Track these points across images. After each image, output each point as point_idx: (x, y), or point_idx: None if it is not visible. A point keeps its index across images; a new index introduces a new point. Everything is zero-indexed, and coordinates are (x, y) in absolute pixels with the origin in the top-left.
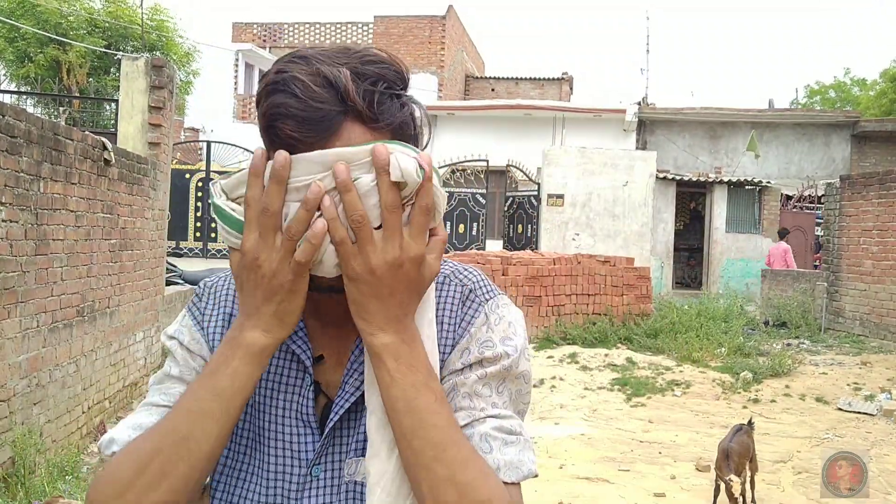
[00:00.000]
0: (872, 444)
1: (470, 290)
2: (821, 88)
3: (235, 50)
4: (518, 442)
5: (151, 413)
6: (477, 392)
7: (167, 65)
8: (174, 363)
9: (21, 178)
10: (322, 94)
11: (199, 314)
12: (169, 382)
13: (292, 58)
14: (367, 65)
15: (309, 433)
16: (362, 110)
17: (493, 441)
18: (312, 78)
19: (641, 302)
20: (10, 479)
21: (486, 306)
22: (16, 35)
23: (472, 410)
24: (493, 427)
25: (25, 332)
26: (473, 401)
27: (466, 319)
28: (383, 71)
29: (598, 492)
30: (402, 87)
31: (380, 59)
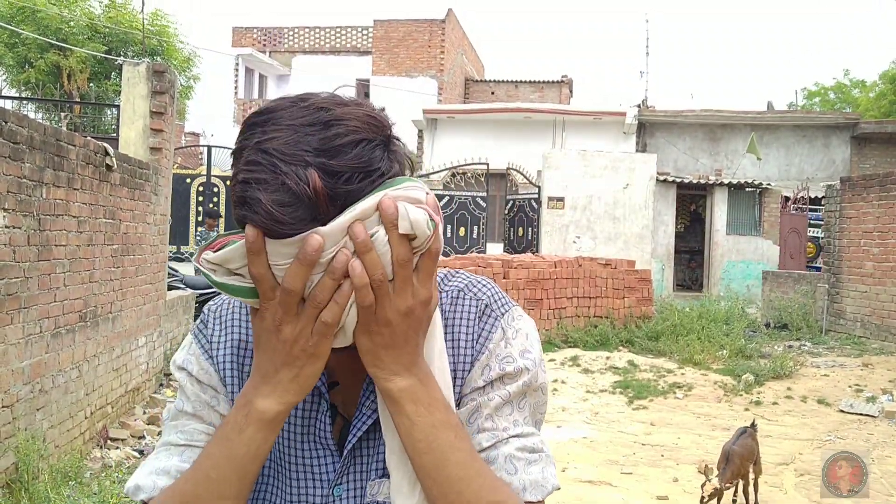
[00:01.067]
0: (874, 445)
1: (486, 304)
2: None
3: (235, 54)
4: (540, 459)
5: (171, 453)
6: (499, 412)
7: (168, 70)
8: (186, 399)
9: (24, 184)
10: (286, 216)
11: (206, 342)
12: (184, 419)
13: (255, 153)
14: (339, 153)
15: (328, 455)
16: (335, 215)
17: (518, 462)
18: (276, 197)
19: (642, 304)
20: (14, 485)
21: (503, 321)
22: (16, 40)
23: (496, 431)
24: (517, 447)
25: (28, 337)
26: (496, 421)
27: (484, 335)
28: (358, 155)
29: (601, 495)
30: (384, 147)
31: (351, 132)
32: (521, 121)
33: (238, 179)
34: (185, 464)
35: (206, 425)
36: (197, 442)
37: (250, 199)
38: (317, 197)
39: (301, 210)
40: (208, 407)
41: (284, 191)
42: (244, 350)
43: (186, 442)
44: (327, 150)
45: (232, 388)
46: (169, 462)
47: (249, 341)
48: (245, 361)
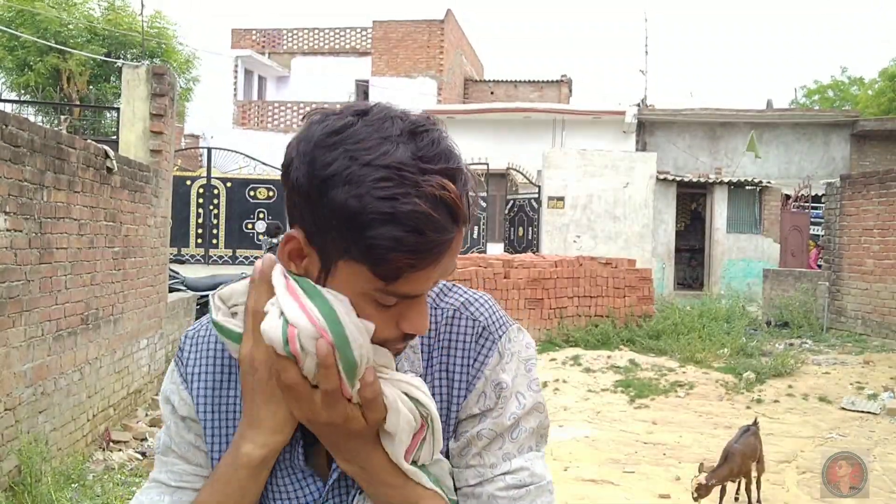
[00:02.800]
0: (876, 443)
1: (483, 326)
2: (819, 88)
3: (234, 56)
4: (528, 494)
5: (163, 493)
6: (489, 447)
7: (168, 72)
8: (171, 438)
9: (25, 187)
10: (441, 223)
11: (183, 370)
12: (172, 457)
13: (372, 169)
14: (438, 158)
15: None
16: (466, 217)
17: (500, 501)
18: (431, 206)
19: (643, 303)
20: (17, 488)
21: (500, 344)
22: (15, 44)
23: (482, 468)
24: (500, 487)
25: (30, 340)
26: (484, 457)
27: (480, 360)
28: (462, 167)
29: (603, 494)
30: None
31: (440, 139)
32: (521, 121)
33: (372, 196)
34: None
35: (193, 466)
36: (186, 483)
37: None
38: (455, 201)
39: (446, 215)
40: (193, 448)
41: (431, 200)
42: (220, 384)
43: (177, 484)
44: (431, 156)
45: (205, 422)
46: (160, 500)
47: (225, 373)
48: (222, 394)
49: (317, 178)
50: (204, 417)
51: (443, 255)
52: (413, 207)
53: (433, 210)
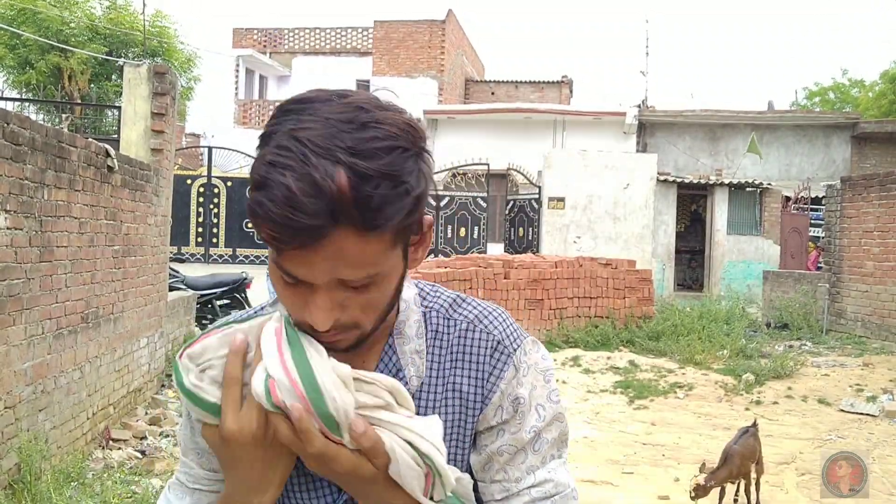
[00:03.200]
0: (875, 445)
1: (498, 341)
2: (820, 90)
3: (236, 56)
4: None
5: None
6: (512, 461)
7: (169, 71)
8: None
9: (25, 186)
10: (307, 205)
11: None
12: (188, 458)
13: (287, 139)
14: (372, 157)
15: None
16: (356, 219)
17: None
18: (299, 185)
19: (643, 304)
20: (17, 486)
21: (515, 357)
22: (17, 42)
23: (507, 483)
24: (527, 501)
25: (31, 338)
26: (508, 472)
27: (495, 374)
28: (391, 163)
29: (603, 495)
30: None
31: (388, 137)
32: (522, 121)
33: (264, 160)
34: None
35: (206, 471)
36: (202, 486)
37: (272, 182)
38: (340, 195)
39: (320, 203)
40: (207, 453)
41: (308, 181)
42: None
43: (193, 486)
44: (360, 150)
45: None
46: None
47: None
48: None
49: (263, 133)
50: None
51: (314, 245)
52: (283, 180)
53: (303, 192)
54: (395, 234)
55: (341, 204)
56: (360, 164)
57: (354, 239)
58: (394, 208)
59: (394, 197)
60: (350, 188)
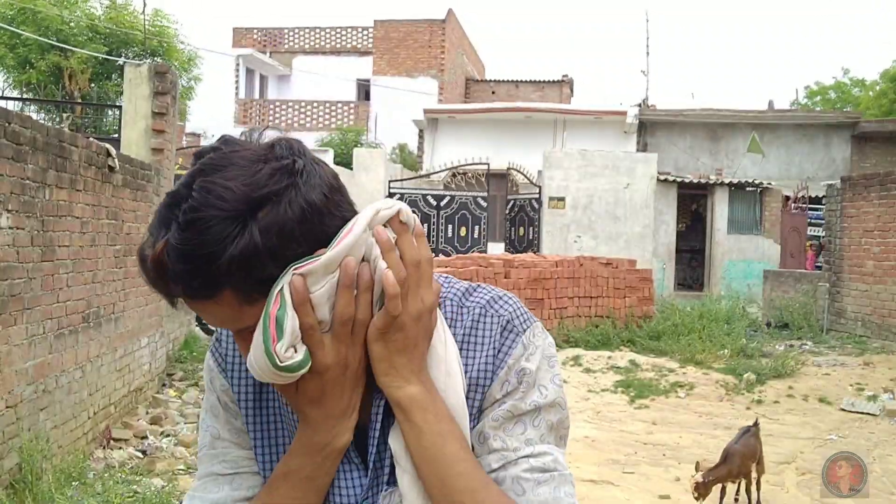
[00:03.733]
0: (875, 444)
1: (507, 320)
2: (821, 89)
3: (236, 55)
4: (552, 479)
5: (220, 483)
6: (511, 431)
7: (170, 71)
8: (220, 425)
9: (27, 186)
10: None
11: (220, 359)
12: (221, 447)
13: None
14: (188, 227)
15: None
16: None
17: (525, 483)
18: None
19: (644, 304)
20: (18, 485)
21: (524, 337)
22: (17, 41)
23: (505, 451)
24: (525, 469)
25: (32, 338)
26: (506, 441)
27: (504, 350)
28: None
29: (603, 494)
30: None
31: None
32: (522, 120)
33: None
34: (237, 492)
35: (247, 451)
36: (244, 468)
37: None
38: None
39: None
40: (243, 433)
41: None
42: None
43: (234, 470)
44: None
45: (246, 411)
46: (220, 493)
47: None
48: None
49: None
50: (245, 406)
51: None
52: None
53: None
54: (241, 294)
55: (161, 275)
56: (179, 236)
57: (199, 305)
58: (198, 280)
59: (195, 270)
60: (159, 261)
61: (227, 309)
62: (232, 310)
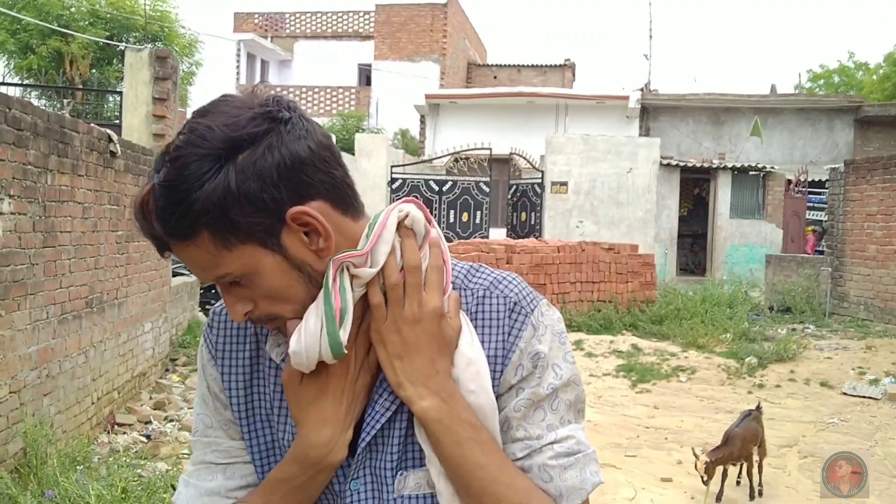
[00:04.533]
0: (877, 428)
1: (515, 302)
2: (825, 72)
3: (237, 40)
4: (577, 462)
5: (213, 472)
6: (531, 419)
7: (170, 56)
8: (210, 414)
9: (28, 171)
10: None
11: (212, 347)
12: (214, 436)
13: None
14: (170, 165)
15: None
16: (163, 230)
17: (552, 470)
18: (136, 207)
19: (646, 288)
20: (23, 470)
21: (532, 317)
22: (18, 27)
23: (529, 441)
24: (550, 456)
25: (35, 323)
26: (528, 430)
27: (514, 333)
28: (173, 173)
29: (605, 477)
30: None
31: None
32: (524, 105)
33: None
34: (231, 481)
35: (238, 441)
36: (237, 458)
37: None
38: (141, 209)
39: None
40: (233, 424)
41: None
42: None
43: (227, 460)
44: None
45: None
46: (214, 482)
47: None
48: (255, 382)
49: None
50: (234, 395)
51: (171, 253)
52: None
53: (136, 207)
54: (218, 237)
55: (145, 214)
56: (159, 176)
57: (179, 247)
58: (175, 217)
59: (172, 206)
60: (144, 201)
61: (205, 253)
62: (209, 254)
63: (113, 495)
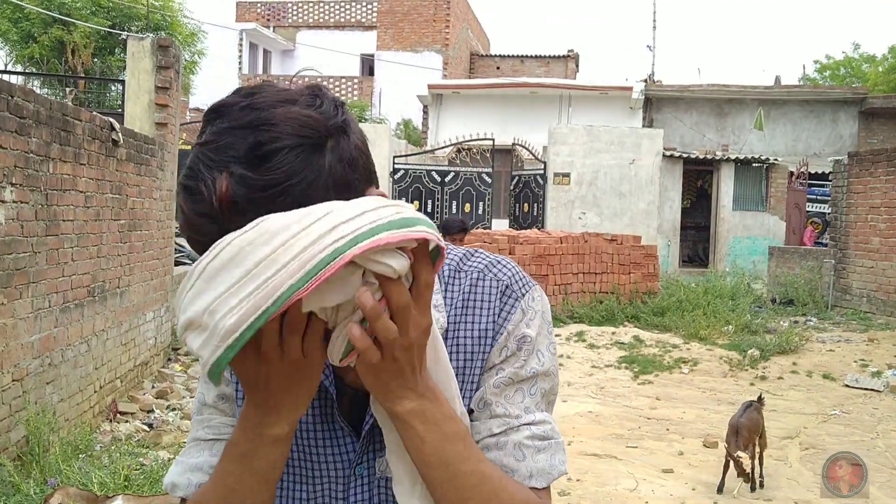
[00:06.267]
0: (879, 420)
1: (507, 285)
2: (831, 64)
3: (239, 30)
4: (550, 447)
5: (201, 448)
6: (511, 399)
7: (173, 45)
8: (206, 390)
9: (30, 159)
10: (201, 226)
11: None
12: (207, 413)
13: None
14: (260, 162)
15: (346, 436)
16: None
17: (527, 450)
18: (197, 206)
19: (648, 280)
20: (25, 458)
21: (523, 301)
22: (20, 15)
23: (508, 418)
24: (527, 436)
25: (37, 312)
26: (508, 408)
27: (503, 315)
28: (274, 166)
29: (607, 468)
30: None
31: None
32: (527, 96)
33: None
34: (216, 458)
35: (229, 417)
36: (224, 435)
37: (181, 207)
38: (220, 207)
39: (207, 220)
40: (230, 400)
41: (201, 200)
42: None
43: (214, 436)
44: (251, 158)
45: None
46: (200, 458)
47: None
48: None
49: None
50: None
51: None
52: (184, 205)
53: (195, 212)
54: None
55: (220, 215)
56: (245, 174)
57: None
58: (273, 205)
59: (287, 197)
60: (231, 197)
61: None
62: None
63: (115, 483)
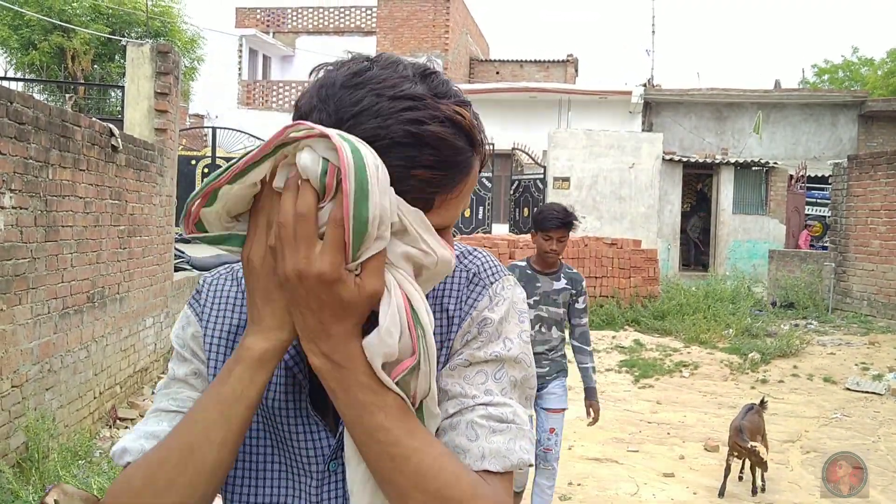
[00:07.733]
0: (880, 423)
1: (474, 273)
2: (830, 68)
3: (239, 35)
4: (508, 430)
5: (161, 419)
6: (470, 379)
7: (172, 51)
8: (178, 363)
9: (30, 165)
10: (459, 144)
11: (199, 309)
12: (175, 386)
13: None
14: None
15: (321, 430)
16: (484, 146)
17: (480, 429)
18: (450, 128)
19: (648, 284)
20: (25, 464)
21: (491, 289)
22: (20, 22)
23: (463, 398)
24: (481, 415)
25: (37, 318)
26: (465, 388)
27: (470, 302)
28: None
29: (608, 472)
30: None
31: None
32: (527, 100)
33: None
34: None
35: (198, 392)
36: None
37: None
38: (470, 125)
39: (465, 139)
40: (201, 377)
41: (446, 121)
42: (237, 328)
43: (177, 408)
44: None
45: (215, 363)
46: (158, 427)
47: (242, 320)
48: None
49: (346, 116)
50: (213, 354)
51: (462, 180)
52: (434, 129)
53: (452, 131)
54: None
55: (474, 132)
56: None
57: (475, 166)
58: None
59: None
60: (471, 118)
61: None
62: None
63: None
